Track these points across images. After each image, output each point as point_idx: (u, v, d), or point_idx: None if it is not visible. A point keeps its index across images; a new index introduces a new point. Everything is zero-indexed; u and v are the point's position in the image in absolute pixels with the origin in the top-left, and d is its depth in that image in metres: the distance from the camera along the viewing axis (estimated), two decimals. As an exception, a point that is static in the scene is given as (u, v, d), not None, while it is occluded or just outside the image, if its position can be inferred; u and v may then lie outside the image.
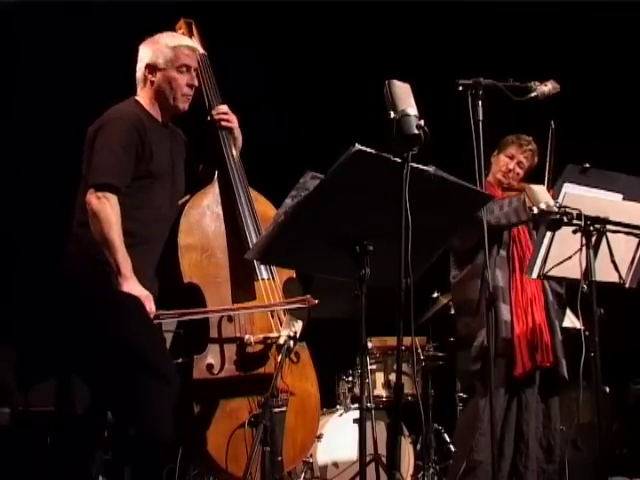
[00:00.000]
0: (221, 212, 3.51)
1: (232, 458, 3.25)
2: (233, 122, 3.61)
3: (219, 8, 5.51)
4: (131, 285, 3.10)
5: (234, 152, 3.58)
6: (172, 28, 3.71)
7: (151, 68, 3.33)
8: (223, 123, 3.58)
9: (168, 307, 3.70)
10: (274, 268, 3.50)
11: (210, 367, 3.31)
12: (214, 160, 3.60)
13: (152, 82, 3.33)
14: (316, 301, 3.41)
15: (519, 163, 4.17)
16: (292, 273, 3.56)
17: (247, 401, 3.32)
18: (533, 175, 4.18)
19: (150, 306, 3.15)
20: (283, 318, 3.43)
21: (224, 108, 3.62)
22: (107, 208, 3.09)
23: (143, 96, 3.37)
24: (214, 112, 3.59)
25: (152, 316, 3.15)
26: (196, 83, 3.40)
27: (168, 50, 3.32)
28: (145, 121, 3.28)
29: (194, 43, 3.43)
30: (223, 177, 3.56)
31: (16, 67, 5.49)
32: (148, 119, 3.31)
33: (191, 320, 3.33)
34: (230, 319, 3.38)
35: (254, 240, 3.44)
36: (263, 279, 3.46)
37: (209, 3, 5.31)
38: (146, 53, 3.37)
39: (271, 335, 3.35)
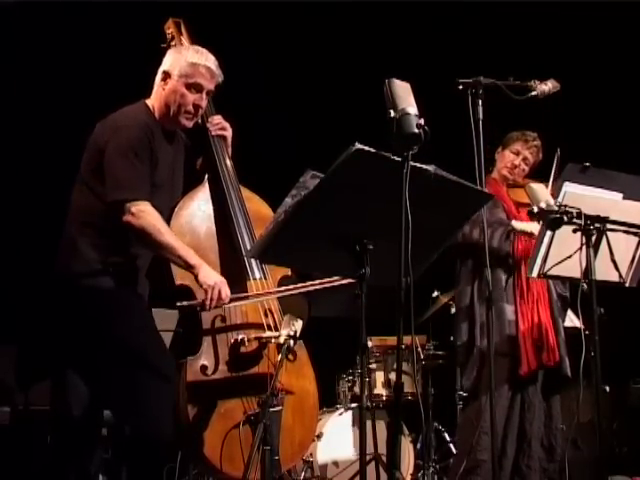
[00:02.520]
0: (212, 212, 3.49)
1: (227, 459, 3.24)
2: (227, 131, 3.58)
3: (219, 8, 5.52)
4: (206, 272, 3.14)
5: (227, 159, 3.56)
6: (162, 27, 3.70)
7: (165, 75, 3.30)
8: (219, 132, 3.55)
9: (168, 307, 3.70)
10: (266, 267, 3.47)
11: (204, 368, 3.29)
12: (205, 160, 3.59)
13: (163, 89, 3.30)
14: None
15: (525, 159, 4.16)
16: (287, 271, 3.55)
17: (241, 401, 3.30)
18: (537, 173, 4.18)
19: (225, 291, 3.17)
20: (277, 317, 3.43)
21: (218, 119, 3.57)
22: (148, 219, 3.07)
23: (154, 100, 3.34)
24: (209, 126, 3.55)
25: (228, 300, 3.19)
26: (203, 105, 3.33)
27: (186, 64, 3.26)
28: (153, 128, 3.26)
29: (216, 67, 3.32)
30: (213, 178, 3.54)
31: (16, 67, 5.50)
32: (155, 126, 3.28)
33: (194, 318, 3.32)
34: (223, 319, 3.36)
35: (246, 240, 3.43)
36: (255, 279, 3.43)
37: (210, 3, 5.32)
38: (168, 59, 3.34)
39: (265, 335, 3.34)
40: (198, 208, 3.48)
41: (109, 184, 3.11)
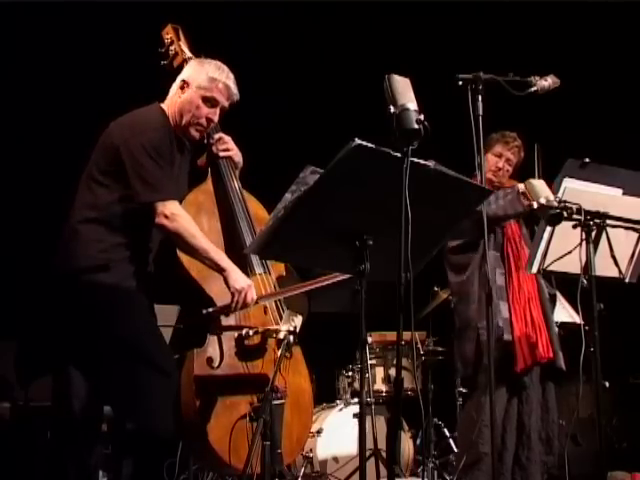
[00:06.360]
0: (215, 209, 3.53)
1: (234, 451, 3.26)
2: (232, 149, 3.61)
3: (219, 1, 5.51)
4: (236, 276, 3.20)
5: (234, 181, 3.58)
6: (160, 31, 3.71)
7: (184, 84, 3.34)
8: (222, 154, 3.59)
9: (168, 302, 3.71)
10: (268, 262, 3.52)
11: (210, 360, 3.32)
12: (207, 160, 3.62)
13: (179, 97, 3.34)
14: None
15: (507, 160, 4.19)
16: (282, 270, 3.59)
17: (247, 394, 3.32)
18: (522, 174, 4.18)
19: (252, 295, 3.23)
20: (277, 314, 3.46)
21: (223, 138, 3.59)
22: (182, 222, 3.15)
23: (168, 105, 3.37)
24: (213, 148, 3.58)
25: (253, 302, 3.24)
26: (215, 120, 3.38)
27: (206, 78, 3.32)
28: (170, 132, 3.30)
29: (234, 86, 3.37)
30: (217, 175, 3.57)
31: (15, 67, 5.50)
32: (171, 130, 3.32)
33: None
34: (227, 313, 3.39)
35: (249, 236, 3.46)
36: (258, 274, 3.47)
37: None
38: (189, 69, 3.40)
39: (267, 328, 3.36)
40: (203, 204, 3.51)
41: (138, 185, 3.13)
